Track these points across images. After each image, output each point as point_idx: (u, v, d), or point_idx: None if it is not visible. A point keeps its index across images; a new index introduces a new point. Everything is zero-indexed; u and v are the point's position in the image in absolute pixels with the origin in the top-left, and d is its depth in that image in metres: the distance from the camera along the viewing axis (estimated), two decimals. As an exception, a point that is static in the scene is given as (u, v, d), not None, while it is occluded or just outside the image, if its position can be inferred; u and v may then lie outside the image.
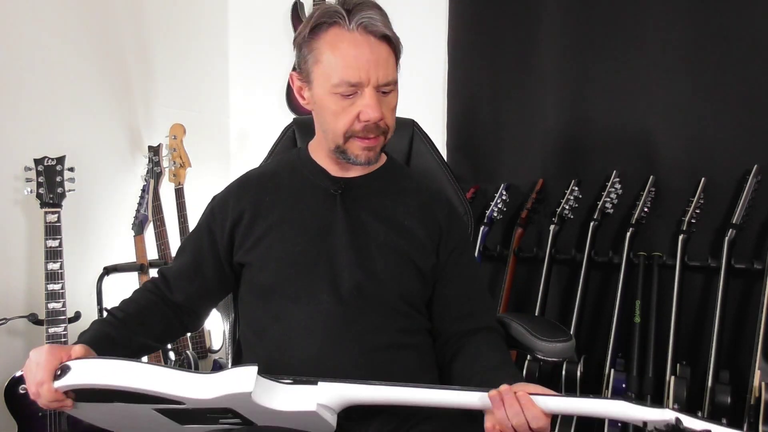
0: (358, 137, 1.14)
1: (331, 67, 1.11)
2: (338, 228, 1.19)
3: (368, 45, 1.10)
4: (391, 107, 1.16)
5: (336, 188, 1.22)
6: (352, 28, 1.09)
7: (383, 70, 1.11)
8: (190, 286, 1.24)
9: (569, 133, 2.27)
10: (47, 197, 1.86)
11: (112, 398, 0.97)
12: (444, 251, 1.23)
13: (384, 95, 1.13)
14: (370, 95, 1.11)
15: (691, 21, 2.06)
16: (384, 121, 1.14)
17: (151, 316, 1.20)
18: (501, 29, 2.36)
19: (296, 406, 0.96)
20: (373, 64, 1.10)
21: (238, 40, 2.89)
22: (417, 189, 1.28)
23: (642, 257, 2.09)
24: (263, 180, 1.27)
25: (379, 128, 1.14)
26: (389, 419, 1.12)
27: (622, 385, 2.02)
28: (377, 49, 1.10)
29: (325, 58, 1.11)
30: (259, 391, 0.94)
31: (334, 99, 1.12)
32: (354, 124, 1.13)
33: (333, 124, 1.15)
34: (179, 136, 2.36)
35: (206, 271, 1.24)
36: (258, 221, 1.21)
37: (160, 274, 1.28)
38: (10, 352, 1.95)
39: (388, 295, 1.16)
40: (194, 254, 1.25)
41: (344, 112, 1.13)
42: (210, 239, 1.24)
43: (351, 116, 1.12)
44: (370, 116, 1.11)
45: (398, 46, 1.14)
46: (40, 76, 2.05)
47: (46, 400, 0.97)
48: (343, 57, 1.09)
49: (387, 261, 1.18)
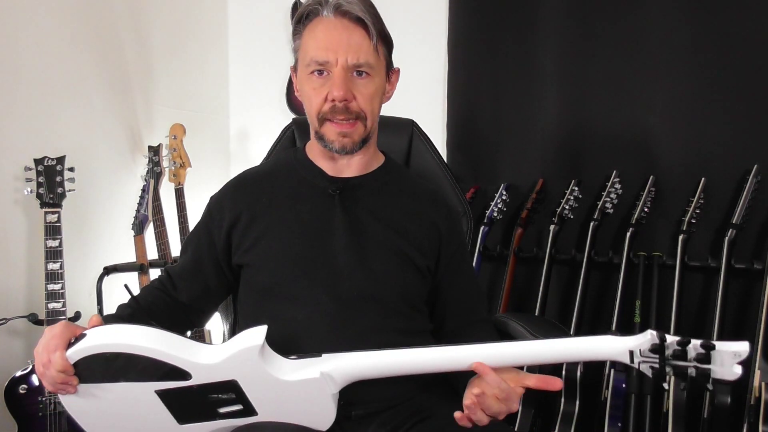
0: (330, 121, 1.15)
1: (307, 50, 1.14)
2: (337, 228, 1.19)
3: (341, 27, 1.12)
4: (366, 92, 1.15)
5: (334, 188, 1.22)
6: (327, 14, 1.13)
7: (354, 52, 1.12)
8: (192, 286, 1.25)
9: (569, 133, 2.27)
10: (47, 197, 1.86)
11: (117, 377, 0.99)
12: (445, 255, 1.24)
13: (358, 77, 1.14)
14: (338, 74, 1.12)
15: (691, 21, 2.06)
16: (356, 103, 1.14)
17: (159, 312, 1.21)
18: (501, 29, 2.36)
19: (301, 375, 0.98)
20: (344, 45, 1.11)
21: (238, 40, 2.89)
22: (415, 189, 1.29)
23: (642, 257, 2.09)
24: (260, 180, 1.27)
25: (349, 111, 1.14)
26: (389, 419, 1.12)
27: (622, 385, 2.02)
28: (350, 31, 1.12)
29: (304, 43, 1.16)
30: (267, 354, 0.98)
31: (309, 80, 1.15)
32: (324, 104, 1.14)
33: (308, 107, 1.18)
34: (179, 136, 2.36)
35: (207, 271, 1.24)
36: (256, 222, 1.21)
37: (165, 272, 1.29)
38: (10, 352, 1.95)
39: (388, 295, 1.17)
40: (194, 255, 1.26)
41: (315, 92, 1.14)
42: (208, 241, 1.24)
43: (321, 97, 1.14)
44: (334, 95, 1.12)
45: (379, 32, 1.14)
46: (40, 76, 2.06)
47: (54, 370, 0.98)
48: (315, 39, 1.13)
49: (386, 261, 1.18)
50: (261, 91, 2.84)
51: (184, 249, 1.31)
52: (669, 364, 0.91)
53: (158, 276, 1.31)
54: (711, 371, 0.89)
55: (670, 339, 0.92)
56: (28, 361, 1.85)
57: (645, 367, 0.95)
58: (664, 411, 1.94)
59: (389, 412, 1.13)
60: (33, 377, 1.82)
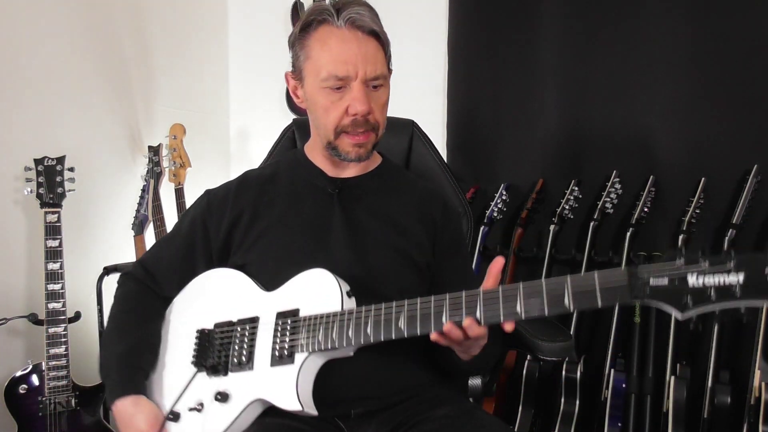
0: (347, 133, 1.16)
1: (320, 62, 1.13)
2: (336, 226, 1.19)
3: (356, 40, 1.12)
4: (380, 103, 1.17)
5: (333, 188, 1.23)
6: (340, 24, 1.12)
7: (371, 65, 1.12)
8: (182, 279, 1.23)
9: (569, 133, 2.27)
10: (47, 197, 1.86)
11: None
12: (440, 245, 1.24)
13: (373, 90, 1.15)
14: (358, 89, 1.12)
15: (691, 21, 2.06)
16: (373, 116, 1.15)
17: (153, 324, 1.21)
18: (501, 29, 2.36)
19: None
20: (361, 58, 1.11)
21: (238, 40, 2.89)
22: (412, 187, 1.29)
23: (642, 257, 2.09)
24: (262, 181, 1.27)
25: (368, 123, 1.15)
26: (389, 418, 1.12)
27: (622, 385, 2.02)
28: (365, 44, 1.12)
29: (314, 54, 1.14)
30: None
31: (323, 94, 1.14)
32: (343, 118, 1.14)
33: (324, 120, 1.17)
34: (179, 136, 2.36)
35: (198, 264, 1.24)
36: (256, 221, 1.22)
37: (141, 268, 1.26)
38: (10, 352, 1.95)
39: (387, 291, 1.16)
40: (186, 246, 1.25)
41: (333, 106, 1.14)
42: (204, 234, 1.24)
43: (340, 111, 1.14)
44: (357, 109, 1.12)
45: (387, 42, 1.16)
46: (40, 76, 2.06)
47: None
48: (330, 51, 1.12)
49: (384, 258, 1.19)
50: (261, 91, 2.83)
51: (167, 241, 1.29)
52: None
53: (130, 275, 1.27)
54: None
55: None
56: (28, 361, 1.85)
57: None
58: (664, 411, 1.95)
59: (389, 411, 1.13)
60: (33, 377, 1.82)
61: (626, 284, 0.87)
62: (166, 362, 1.17)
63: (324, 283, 1.09)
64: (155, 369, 1.17)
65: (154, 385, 1.16)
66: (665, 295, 0.84)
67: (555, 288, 0.91)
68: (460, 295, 0.98)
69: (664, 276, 0.84)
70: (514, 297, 0.93)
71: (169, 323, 1.22)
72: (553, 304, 0.91)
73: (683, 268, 0.84)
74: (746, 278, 0.80)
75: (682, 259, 0.84)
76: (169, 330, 1.21)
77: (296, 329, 1.06)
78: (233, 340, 1.11)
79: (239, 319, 1.13)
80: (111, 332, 1.20)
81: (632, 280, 0.86)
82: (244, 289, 1.17)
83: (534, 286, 0.93)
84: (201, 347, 1.13)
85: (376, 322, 1.01)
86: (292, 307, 1.09)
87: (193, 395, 1.11)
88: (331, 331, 1.03)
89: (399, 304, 1.01)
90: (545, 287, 0.92)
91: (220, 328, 1.14)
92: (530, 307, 0.92)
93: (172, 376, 1.15)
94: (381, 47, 1.15)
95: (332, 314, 1.05)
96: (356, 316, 1.03)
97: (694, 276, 0.83)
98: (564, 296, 0.90)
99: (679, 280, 0.84)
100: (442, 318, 0.97)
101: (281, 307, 1.10)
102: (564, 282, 0.91)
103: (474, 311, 0.96)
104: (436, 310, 0.99)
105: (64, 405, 1.82)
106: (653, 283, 0.85)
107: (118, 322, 1.21)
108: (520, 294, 0.93)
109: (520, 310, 0.92)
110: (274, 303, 1.12)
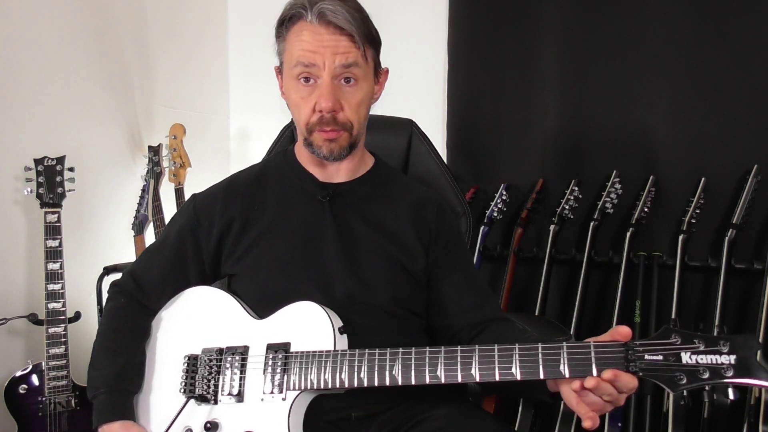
0: (317, 129, 1.14)
1: (292, 53, 1.13)
2: (328, 236, 1.18)
3: (327, 33, 1.10)
4: (354, 101, 1.14)
5: (324, 195, 1.21)
6: (311, 20, 1.11)
7: (341, 58, 1.10)
8: (174, 290, 1.21)
9: (569, 133, 2.27)
10: (47, 197, 1.86)
11: None
12: (435, 248, 1.22)
13: (346, 85, 1.13)
14: (326, 83, 1.11)
15: (691, 21, 2.06)
16: (344, 114, 1.13)
17: (142, 343, 1.19)
18: (501, 29, 2.36)
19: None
20: (330, 50, 1.10)
21: (238, 39, 2.89)
22: (405, 192, 1.27)
23: (642, 257, 2.09)
24: (250, 185, 1.26)
25: (336, 122, 1.13)
26: (389, 420, 1.12)
27: (622, 385, 2.01)
28: (336, 38, 1.10)
29: (289, 46, 1.15)
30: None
31: (294, 86, 1.15)
32: (312, 115, 1.13)
33: (296, 116, 1.17)
34: (179, 136, 2.36)
35: (189, 273, 1.22)
36: (247, 231, 1.20)
37: (131, 279, 1.24)
38: (10, 352, 1.95)
39: (381, 300, 1.16)
40: (176, 256, 1.23)
41: (303, 102, 1.14)
42: (194, 243, 1.22)
43: (309, 107, 1.13)
44: (322, 105, 1.11)
45: (366, 36, 1.12)
46: (40, 76, 2.05)
47: None
48: (301, 42, 1.12)
49: (377, 267, 1.17)
50: (261, 91, 2.83)
51: (156, 250, 1.26)
52: None
53: (119, 286, 1.24)
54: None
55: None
56: (28, 361, 1.85)
57: None
58: (664, 411, 1.94)
59: (389, 413, 1.12)
60: (33, 377, 1.82)
61: (622, 359, 0.90)
62: (153, 386, 1.15)
63: (315, 318, 1.07)
64: (142, 391, 1.15)
65: (141, 408, 1.14)
66: (659, 372, 0.89)
67: (551, 354, 0.94)
68: (455, 349, 0.99)
69: (659, 353, 0.89)
70: (510, 357, 0.96)
71: (156, 340, 1.19)
72: (549, 373, 0.95)
73: (678, 346, 0.88)
74: (738, 360, 0.85)
75: (679, 339, 0.88)
76: (156, 349, 1.18)
77: (288, 365, 1.05)
78: (222, 369, 1.09)
79: (228, 346, 1.11)
80: (100, 352, 1.18)
81: (629, 354, 0.90)
82: (233, 314, 1.15)
83: (530, 350, 0.96)
84: (190, 374, 1.11)
85: (370, 368, 1.01)
86: (283, 340, 1.08)
87: (182, 423, 1.09)
88: (323, 371, 1.02)
89: (393, 351, 1.01)
90: (541, 352, 0.95)
91: (207, 354, 1.11)
92: (526, 371, 0.95)
93: (159, 401, 1.14)
94: (354, 44, 1.11)
95: (325, 354, 1.03)
96: (350, 359, 1.02)
97: (688, 354, 0.87)
98: (560, 363, 0.93)
99: (674, 356, 0.88)
100: (437, 370, 0.98)
101: (271, 338, 1.09)
102: (560, 350, 0.93)
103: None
104: (431, 361, 0.99)
105: (64, 405, 1.83)
106: (648, 357, 0.89)
107: (106, 340, 1.19)
108: (516, 355, 0.95)
109: (515, 372, 0.95)
110: (264, 333, 1.10)
